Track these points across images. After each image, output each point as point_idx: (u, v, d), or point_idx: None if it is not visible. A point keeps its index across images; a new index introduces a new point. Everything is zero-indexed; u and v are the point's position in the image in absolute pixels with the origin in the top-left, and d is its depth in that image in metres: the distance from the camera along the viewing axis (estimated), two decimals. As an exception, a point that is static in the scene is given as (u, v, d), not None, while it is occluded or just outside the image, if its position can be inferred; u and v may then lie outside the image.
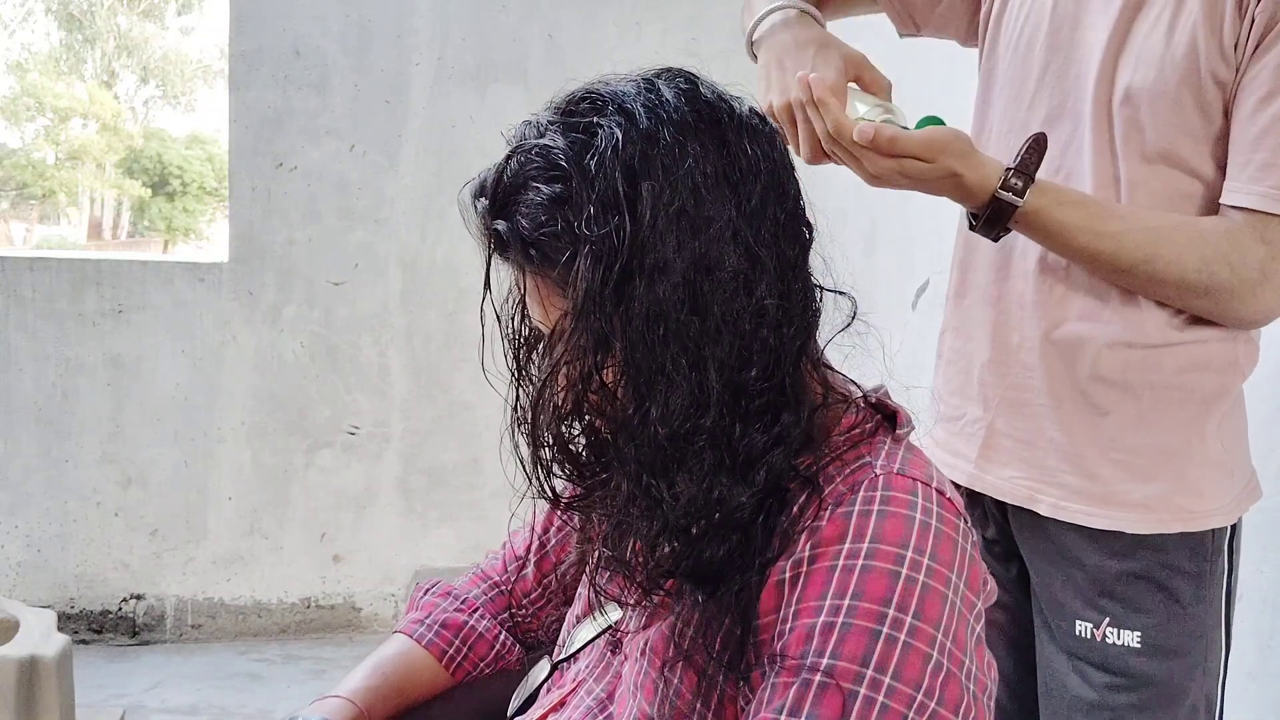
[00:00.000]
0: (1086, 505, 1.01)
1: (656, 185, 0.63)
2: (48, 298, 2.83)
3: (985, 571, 0.69)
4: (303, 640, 3.01)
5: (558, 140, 0.66)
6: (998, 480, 1.07)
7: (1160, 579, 1.00)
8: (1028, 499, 1.05)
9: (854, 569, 0.62)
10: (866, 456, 0.70)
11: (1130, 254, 0.94)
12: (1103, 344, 1.00)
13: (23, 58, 24.24)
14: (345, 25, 2.92)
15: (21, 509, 2.85)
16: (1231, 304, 0.94)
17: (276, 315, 2.95)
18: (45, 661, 1.75)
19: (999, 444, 1.07)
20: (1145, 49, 0.95)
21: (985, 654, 0.65)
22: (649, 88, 0.68)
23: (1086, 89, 0.99)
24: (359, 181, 2.96)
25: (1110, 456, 1.00)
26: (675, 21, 3.11)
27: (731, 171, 0.66)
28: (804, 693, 0.60)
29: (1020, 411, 1.06)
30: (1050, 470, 1.03)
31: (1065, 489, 1.02)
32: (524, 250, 0.66)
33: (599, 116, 0.66)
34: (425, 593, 1.02)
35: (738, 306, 0.64)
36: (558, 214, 0.64)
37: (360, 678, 0.94)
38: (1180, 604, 1.00)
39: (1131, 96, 0.95)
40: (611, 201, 0.63)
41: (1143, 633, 1.00)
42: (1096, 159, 0.99)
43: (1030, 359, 1.05)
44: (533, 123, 0.69)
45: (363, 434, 3.04)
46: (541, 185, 0.65)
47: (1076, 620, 1.02)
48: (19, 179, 22.86)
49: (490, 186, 0.68)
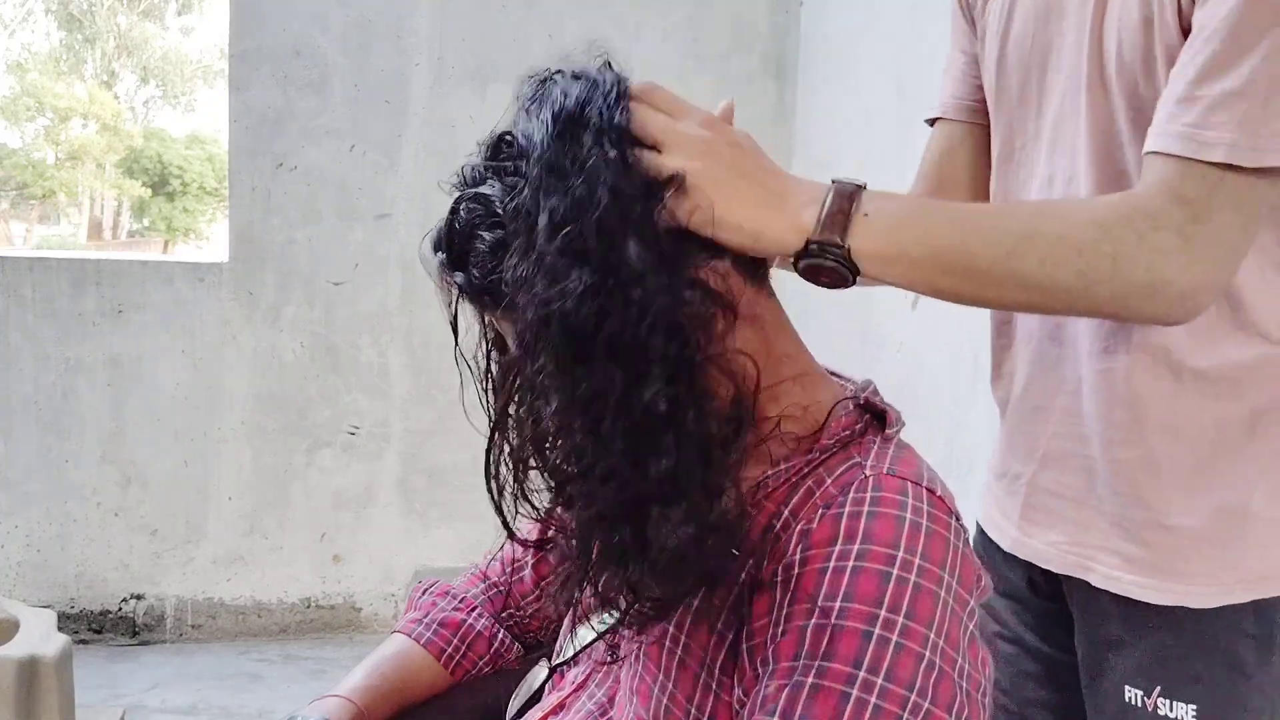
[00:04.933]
0: (1142, 576, 0.88)
1: (574, 228, 0.63)
2: (48, 298, 2.83)
3: (979, 567, 0.69)
4: (303, 640, 3.02)
5: (494, 187, 0.68)
6: (1042, 546, 0.95)
7: (1220, 642, 0.86)
8: (1079, 567, 0.92)
9: (845, 570, 0.63)
10: (856, 457, 0.70)
11: (988, 252, 0.72)
12: (1147, 372, 0.86)
13: (23, 58, 24.25)
14: (345, 25, 2.92)
15: (21, 509, 2.86)
16: (1142, 299, 0.72)
17: (276, 315, 2.96)
18: (45, 661, 1.76)
19: (1042, 503, 0.96)
20: (1125, 15, 0.83)
21: (979, 650, 0.65)
22: (556, 127, 0.68)
23: (1080, 76, 0.88)
24: (359, 181, 2.96)
25: (1162, 520, 0.87)
26: (675, 21, 3.11)
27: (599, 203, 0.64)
28: (796, 695, 0.60)
29: (1065, 464, 0.93)
30: (1100, 534, 0.91)
31: (1118, 556, 0.89)
32: (479, 298, 0.69)
33: (522, 160, 0.67)
34: (424, 592, 1.02)
35: (639, 334, 0.63)
36: (501, 260, 0.66)
37: (360, 677, 0.94)
38: (1243, 672, 0.86)
39: (1125, 70, 0.83)
40: (531, 247, 0.64)
41: (1199, 705, 0.86)
42: (1096, 155, 0.87)
43: (1075, 402, 0.92)
44: (468, 167, 0.71)
45: (363, 434, 3.04)
46: (485, 233, 0.68)
47: (1125, 686, 0.90)
48: (19, 179, 22.86)
49: (444, 239, 0.71)
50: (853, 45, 2.81)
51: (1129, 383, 0.88)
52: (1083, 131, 0.89)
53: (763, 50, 3.19)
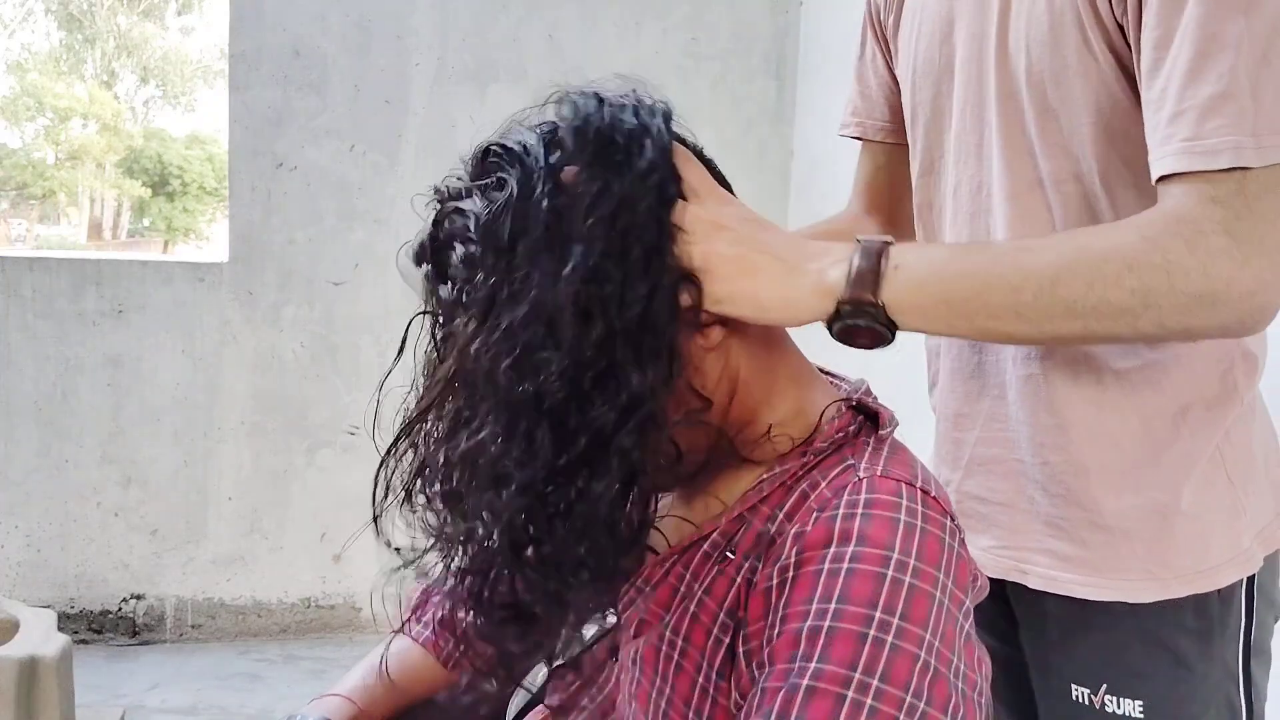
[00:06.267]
0: (1080, 574, 0.88)
1: (528, 246, 0.65)
2: (48, 298, 2.83)
3: (975, 568, 0.69)
4: (303, 640, 3.02)
5: (473, 202, 0.68)
6: (976, 551, 0.91)
7: (1161, 637, 0.86)
8: (1014, 570, 0.92)
9: (839, 572, 0.63)
10: (850, 459, 0.70)
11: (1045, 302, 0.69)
12: (1069, 376, 0.86)
13: (23, 58, 24.26)
14: (345, 25, 2.92)
15: (21, 509, 2.86)
16: (1206, 309, 0.69)
17: (276, 315, 2.96)
18: (45, 661, 1.76)
19: (972, 509, 0.95)
20: (1031, 26, 0.81)
21: (975, 650, 0.65)
22: (549, 135, 0.69)
23: (988, 86, 0.87)
24: (359, 181, 2.96)
25: (1096, 520, 0.87)
26: (675, 21, 3.11)
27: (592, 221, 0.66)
28: (792, 697, 0.60)
29: (992, 469, 0.93)
30: (1034, 536, 0.90)
31: (1053, 555, 0.89)
32: (449, 311, 0.70)
33: (501, 173, 0.68)
34: (423, 592, 1.02)
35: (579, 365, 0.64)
36: (470, 275, 0.67)
37: (359, 676, 0.94)
38: (1187, 665, 0.86)
39: (1034, 79, 0.82)
40: (496, 263, 0.66)
41: (1145, 701, 0.86)
42: (1010, 164, 0.86)
43: (1000, 407, 0.92)
44: (449, 181, 0.72)
45: (363, 434, 3.04)
46: (459, 245, 0.68)
47: (1072, 685, 0.90)
48: (19, 179, 22.87)
49: (427, 250, 0.72)
50: (853, 45, 2.81)
51: (1052, 388, 0.87)
52: (994, 142, 0.89)
53: (763, 50, 3.19)
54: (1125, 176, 0.81)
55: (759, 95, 3.16)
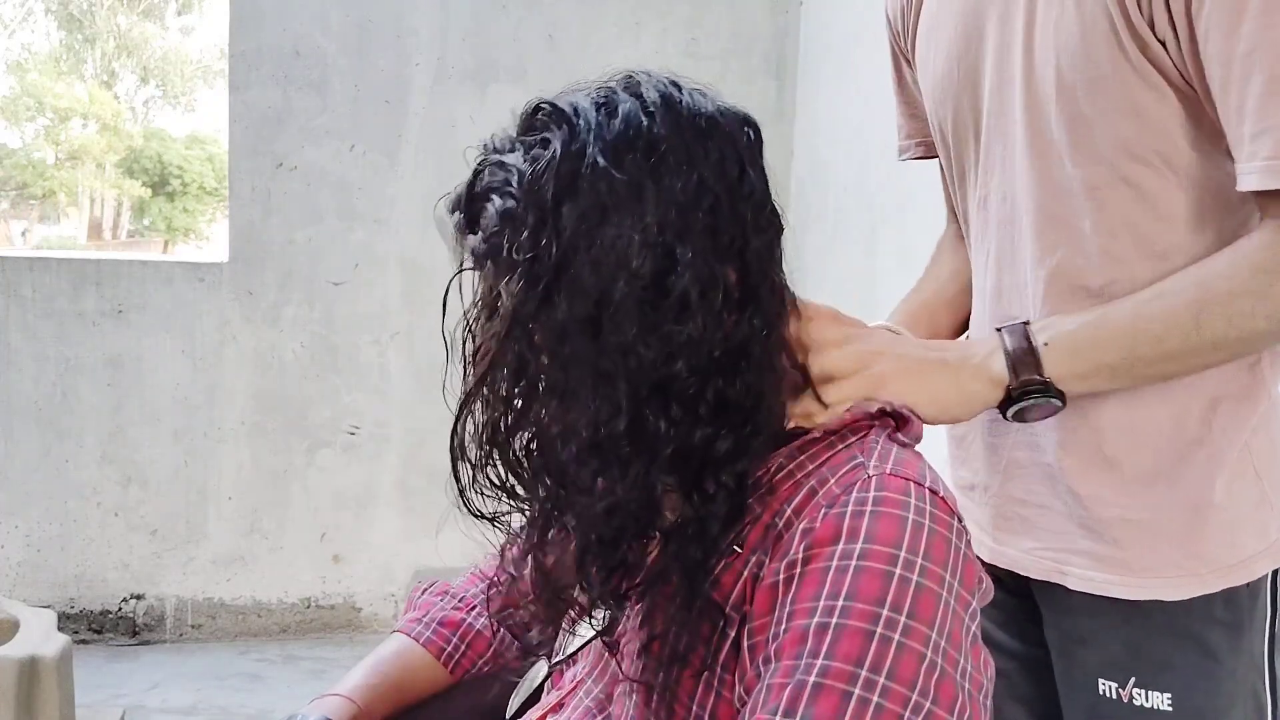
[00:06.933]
0: (1115, 574, 0.88)
1: (577, 207, 0.65)
2: (48, 298, 2.83)
3: (980, 569, 0.69)
4: (303, 640, 3.02)
5: (515, 156, 0.68)
6: (1018, 554, 0.95)
7: (1190, 629, 0.87)
8: (1055, 572, 0.92)
9: (847, 569, 0.63)
10: (859, 457, 0.70)
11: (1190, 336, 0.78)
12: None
13: (23, 58, 24.27)
14: (345, 25, 2.92)
15: (21, 509, 2.86)
16: None
17: (276, 315, 2.96)
18: (45, 661, 1.76)
19: (1014, 512, 0.96)
20: (1060, 36, 0.82)
21: (981, 652, 0.66)
22: (605, 100, 0.69)
23: (1013, 97, 0.88)
24: (359, 181, 2.96)
25: (1128, 516, 0.88)
26: (675, 21, 3.11)
27: (658, 182, 0.67)
28: (798, 693, 0.60)
29: (1028, 472, 0.94)
30: (1070, 537, 0.91)
31: (1089, 557, 0.90)
32: (479, 262, 0.70)
33: (548, 132, 0.68)
34: (423, 592, 1.02)
35: (656, 320, 0.66)
36: (505, 230, 0.67)
37: (359, 676, 0.94)
38: (1216, 658, 0.86)
39: (1065, 88, 0.83)
40: (540, 222, 0.65)
41: (1173, 693, 0.87)
42: (1038, 173, 0.87)
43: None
44: (498, 134, 0.72)
45: (363, 434, 3.04)
46: (496, 198, 0.68)
47: (1099, 679, 0.90)
48: (19, 179, 22.87)
49: (463, 200, 0.71)
50: (853, 45, 2.81)
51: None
52: (1020, 152, 0.89)
53: (763, 50, 3.19)
54: (1168, 179, 0.82)
55: (759, 95, 3.16)
